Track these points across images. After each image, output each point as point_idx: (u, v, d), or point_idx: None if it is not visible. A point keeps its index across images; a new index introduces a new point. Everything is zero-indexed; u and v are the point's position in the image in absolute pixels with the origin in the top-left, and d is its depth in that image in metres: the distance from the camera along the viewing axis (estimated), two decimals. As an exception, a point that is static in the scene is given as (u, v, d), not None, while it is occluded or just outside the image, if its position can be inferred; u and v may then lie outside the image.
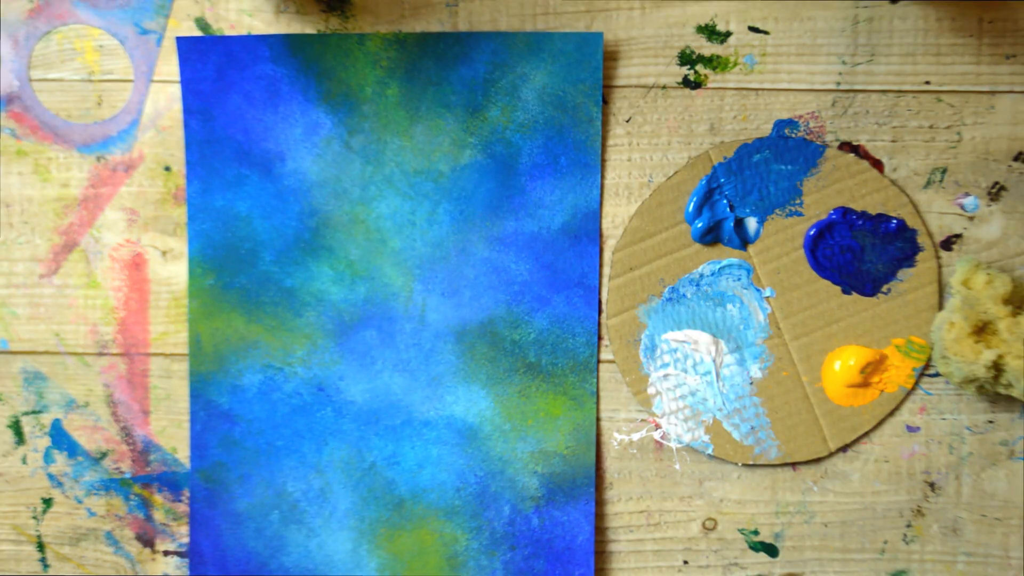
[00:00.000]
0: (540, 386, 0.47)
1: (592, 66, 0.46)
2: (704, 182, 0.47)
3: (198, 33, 0.47)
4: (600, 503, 0.48)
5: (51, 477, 0.48)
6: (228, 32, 0.47)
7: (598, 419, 0.48)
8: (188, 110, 0.46)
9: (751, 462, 0.48)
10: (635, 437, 0.48)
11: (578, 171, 0.47)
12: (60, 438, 0.48)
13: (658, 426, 0.48)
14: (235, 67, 0.46)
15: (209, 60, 0.46)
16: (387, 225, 0.47)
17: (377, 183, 0.46)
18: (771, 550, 0.48)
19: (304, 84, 0.46)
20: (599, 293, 0.47)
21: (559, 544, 0.47)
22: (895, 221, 0.47)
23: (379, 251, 0.47)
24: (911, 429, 0.48)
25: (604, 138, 0.47)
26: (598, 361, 0.48)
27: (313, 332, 0.47)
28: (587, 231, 0.47)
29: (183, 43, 0.46)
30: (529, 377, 0.47)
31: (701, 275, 0.48)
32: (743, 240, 0.47)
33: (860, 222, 0.47)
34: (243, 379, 0.47)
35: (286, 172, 0.47)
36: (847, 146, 0.47)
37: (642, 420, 0.48)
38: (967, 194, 0.48)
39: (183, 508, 0.48)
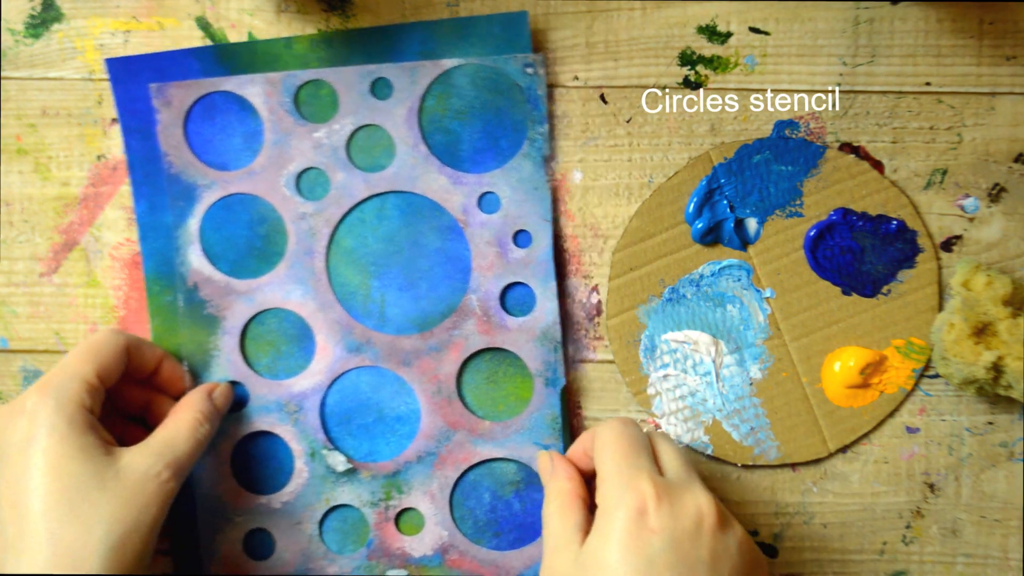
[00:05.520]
0: (507, 370, 0.47)
1: (521, 44, 0.46)
2: (704, 183, 0.47)
3: (199, 32, 0.47)
4: (599, 503, 0.48)
5: (50, 476, 0.48)
6: (229, 32, 0.47)
7: (570, 396, 0.48)
8: (127, 130, 0.46)
9: (750, 463, 0.48)
10: (635, 437, 0.48)
11: (520, 150, 0.46)
12: (60, 437, 0.48)
13: (658, 426, 0.48)
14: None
15: (141, 79, 0.46)
16: (337, 224, 0.47)
17: (322, 183, 0.47)
18: (770, 551, 0.48)
19: (237, 93, 0.46)
20: (554, 267, 0.47)
21: (540, 526, 0.47)
22: (895, 222, 0.47)
23: (333, 252, 0.47)
24: (911, 430, 0.48)
25: (603, 137, 0.47)
26: (563, 335, 0.47)
27: (276, 339, 0.47)
28: (539, 208, 0.47)
29: (113, 65, 0.46)
30: (495, 363, 0.47)
31: (701, 276, 0.48)
32: (743, 241, 0.47)
33: (860, 223, 0.47)
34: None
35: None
36: (847, 147, 0.47)
37: (642, 420, 0.48)
38: (967, 195, 0.48)
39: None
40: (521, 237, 0.47)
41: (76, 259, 0.47)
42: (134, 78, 0.46)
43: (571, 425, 0.48)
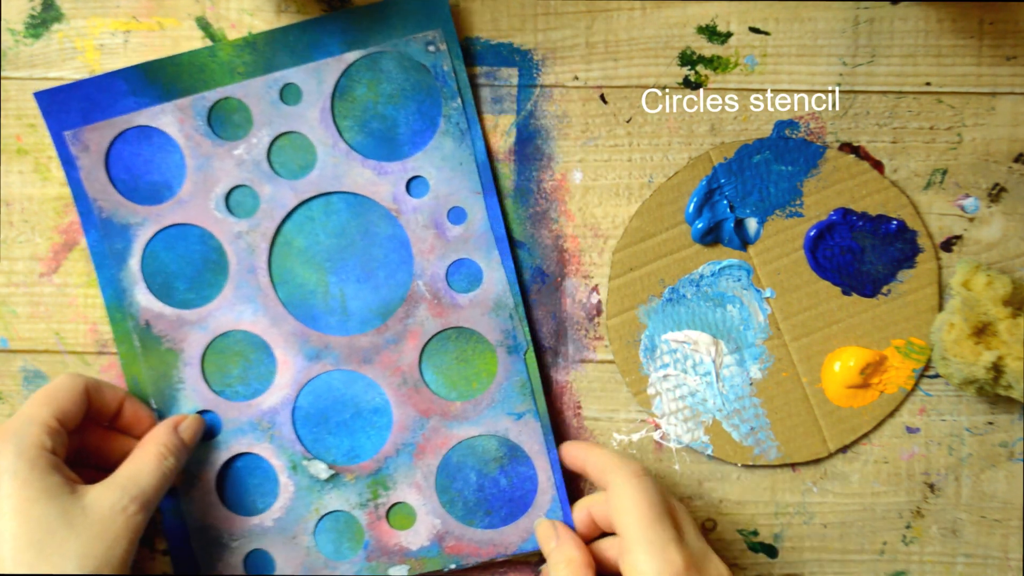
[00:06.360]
0: (475, 347, 0.47)
1: (442, 20, 0.46)
2: (704, 183, 0.47)
3: (199, 32, 0.47)
4: (599, 503, 0.48)
5: (50, 476, 0.48)
6: (229, 32, 0.47)
7: (541, 364, 0.48)
8: (67, 162, 0.46)
9: (750, 463, 0.48)
10: (635, 438, 0.48)
11: (438, 128, 0.47)
12: (60, 437, 0.48)
13: (658, 427, 0.48)
14: (98, 108, 0.46)
15: (72, 108, 0.46)
16: (287, 226, 0.47)
17: (251, 199, 0.47)
18: (770, 551, 0.48)
19: (152, 126, 0.46)
20: (507, 235, 0.47)
21: (531, 498, 0.47)
22: (895, 222, 0.47)
23: (286, 254, 0.47)
24: (911, 430, 0.48)
25: (603, 137, 0.47)
26: (526, 307, 0.47)
27: (237, 361, 0.47)
28: (483, 182, 0.47)
29: (42, 97, 0.46)
30: (462, 341, 0.47)
31: (701, 276, 0.48)
32: (743, 241, 0.47)
33: (860, 223, 0.47)
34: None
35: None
36: (848, 147, 0.47)
37: (642, 420, 0.48)
38: (967, 195, 0.48)
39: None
40: (455, 214, 0.47)
41: (76, 259, 0.47)
42: (64, 109, 0.46)
43: (565, 424, 0.48)
